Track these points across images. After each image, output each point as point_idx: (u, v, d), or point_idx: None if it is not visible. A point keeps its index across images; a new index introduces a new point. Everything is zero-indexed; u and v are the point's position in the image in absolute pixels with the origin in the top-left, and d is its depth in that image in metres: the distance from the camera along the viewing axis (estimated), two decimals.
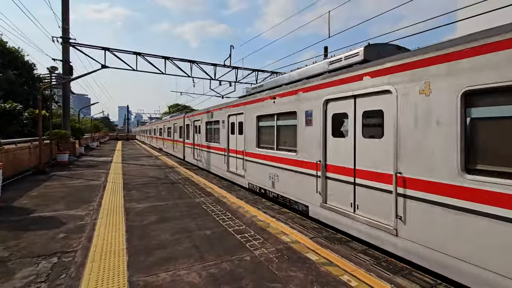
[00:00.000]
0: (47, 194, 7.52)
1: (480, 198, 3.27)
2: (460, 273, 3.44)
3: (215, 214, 5.85)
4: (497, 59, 3.13)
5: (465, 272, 3.38)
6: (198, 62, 19.80)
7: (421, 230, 3.93)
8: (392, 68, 4.39)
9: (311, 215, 6.21)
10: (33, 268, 3.46)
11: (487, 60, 3.21)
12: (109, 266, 3.55)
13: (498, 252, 3.09)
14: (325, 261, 3.77)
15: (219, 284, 3.15)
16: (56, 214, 5.73)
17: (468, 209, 3.39)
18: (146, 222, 5.29)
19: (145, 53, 17.60)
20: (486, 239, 3.20)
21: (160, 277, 3.28)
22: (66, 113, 17.22)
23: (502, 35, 3.09)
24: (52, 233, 4.69)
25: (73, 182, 9.36)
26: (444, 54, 3.67)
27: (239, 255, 3.92)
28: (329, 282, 3.23)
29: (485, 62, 3.23)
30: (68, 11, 16.99)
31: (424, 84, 3.90)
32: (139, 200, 7.03)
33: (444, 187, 3.65)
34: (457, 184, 3.50)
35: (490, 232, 3.17)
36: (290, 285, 3.16)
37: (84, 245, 4.18)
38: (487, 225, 3.19)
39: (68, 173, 11.33)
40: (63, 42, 16.18)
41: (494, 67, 3.15)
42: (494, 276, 3.11)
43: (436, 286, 3.27)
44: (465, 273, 3.38)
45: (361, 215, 4.93)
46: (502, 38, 3.09)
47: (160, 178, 10.45)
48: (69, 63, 16.42)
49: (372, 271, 3.55)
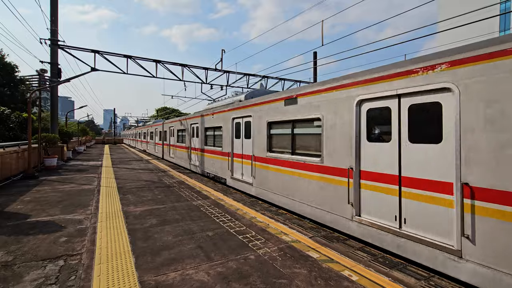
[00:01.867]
0: (41, 199, 7.40)
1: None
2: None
3: (215, 216, 5.96)
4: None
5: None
6: (189, 66, 19.84)
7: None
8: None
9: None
10: (40, 271, 3.48)
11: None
12: (117, 267, 3.61)
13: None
14: (326, 258, 3.97)
15: (228, 281, 3.28)
16: (53, 219, 5.68)
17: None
18: (147, 225, 5.34)
19: (136, 56, 17.50)
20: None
21: (170, 276, 3.37)
22: (54, 116, 16.86)
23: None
24: (53, 237, 4.67)
25: (65, 186, 9.21)
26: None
27: (244, 254, 4.06)
28: (332, 277, 3.42)
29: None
30: (57, 12, 16.71)
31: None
32: (136, 203, 7.03)
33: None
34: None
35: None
36: (295, 280, 3.33)
37: (88, 248, 4.21)
38: None
39: (59, 177, 11.11)
40: (52, 44, 15.89)
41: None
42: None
43: (430, 278, 3.52)
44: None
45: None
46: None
47: (154, 181, 10.43)
48: (57, 65, 16.14)
49: (370, 266, 3.77)
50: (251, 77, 22.20)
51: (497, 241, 3.27)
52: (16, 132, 16.54)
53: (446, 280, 3.53)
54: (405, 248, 4.24)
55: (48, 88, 16.09)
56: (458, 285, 3.42)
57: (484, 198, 3.40)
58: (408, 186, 4.27)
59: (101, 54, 16.44)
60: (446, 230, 3.77)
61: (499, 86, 3.31)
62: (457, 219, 3.60)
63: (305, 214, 6.42)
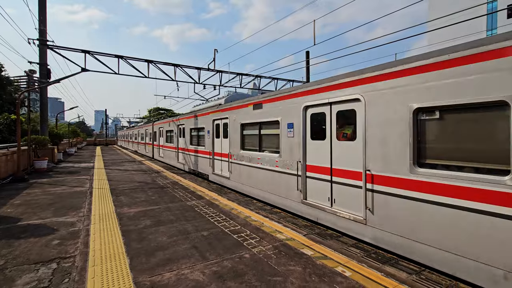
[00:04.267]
0: (32, 202, 7.28)
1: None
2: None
3: (209, 216, 5.97)
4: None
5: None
6: (182, 66, 19.73)
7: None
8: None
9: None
10: (33, 275, 3.43)
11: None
12: (112, 268, 3.59)
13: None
14: (320, 255, 4.03)
15: (224, 280, 3.30)
16: (45, 222, 5.60)
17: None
18: (141, 226, 5.32)
19: (127, 57, 17.31)
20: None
21: (165, 276, 3.38)
22: (43, 118, 16.55)
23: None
24: (45, 240, 4.61)
25: (56, 189, 9.07)
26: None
27: (239, 253, 4.08)
28: (326, 273, 3.48)
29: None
30: (45, 12, 16.40)
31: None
32: (130, 205, 6.98)
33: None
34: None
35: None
36: (290, 277, 3.38)
37: (81, 250, 4.17)
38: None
39: (50, 180, 10.93)
40: (40, 44, 15.59)
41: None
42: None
43: (421, 272, 3.61)
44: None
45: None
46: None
47: (147, 182, 10.36)
48: (46, 66, 15.85)
49: (363, 262, 3.84)
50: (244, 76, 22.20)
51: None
52: (4, 134, 16.20)
53: (436, 273, 3.62)
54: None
55: (37, 89, 15.78)
56: (448, 278, 3.52)
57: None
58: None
59: (91, 54, 16.22)
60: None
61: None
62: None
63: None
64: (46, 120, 16.74)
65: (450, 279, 3.51)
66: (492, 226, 3.30)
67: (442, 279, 3.47)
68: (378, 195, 4.63)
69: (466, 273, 3.51)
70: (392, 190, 4.38)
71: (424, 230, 3.97)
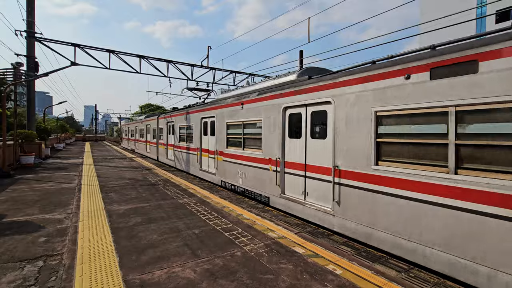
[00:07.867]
0: (17, 198, 7.08)
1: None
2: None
3: (201, 214, 5.93)
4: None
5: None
6: (174, 62, 19.51)
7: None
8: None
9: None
10: (18, 273, 3.34)
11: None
12: (100, 267, 3.53)
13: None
14: (311, 253, 4.05)
15: (215, 278, 3.28)
16: (31, 219, 5.46)
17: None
18: (132, 224, 5.24)
19: (119, 51, 17.01)
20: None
21: (156, 274, 3.34)
22: (30, 112, 16.12)
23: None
24: (31, 237, 4.49)
25: (43, 185, 8.85)
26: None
27: (230, 251, 4.07)
28: (317, 271, 3.50)
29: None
30: (33, 3, 15.94)
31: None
32: (120, 202, 6.87)
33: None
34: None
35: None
36: (281, 275, 3.38)
37: (69, 248, 4.08)
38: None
39: (37, 176, 10.66)
40: (28, 36, 15.16)
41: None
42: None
43: (410, 270, 3.68)
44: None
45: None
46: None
47: (138, 179, 10.22)
48: (34, 59, 15.41)
49: (354, 260, 3.88)
50: (237, 74, 22.13)
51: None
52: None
53: (424, 271, 3.70)
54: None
55: (24, 83, 15.33)
56: (436, 276, 3.59)
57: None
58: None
59: (81, 48, 15.88)
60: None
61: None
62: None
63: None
64: (33, 115, 16.32)
65: (438, 277, 3.58)
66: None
67: (430, 277, 3.54)
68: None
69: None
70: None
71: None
